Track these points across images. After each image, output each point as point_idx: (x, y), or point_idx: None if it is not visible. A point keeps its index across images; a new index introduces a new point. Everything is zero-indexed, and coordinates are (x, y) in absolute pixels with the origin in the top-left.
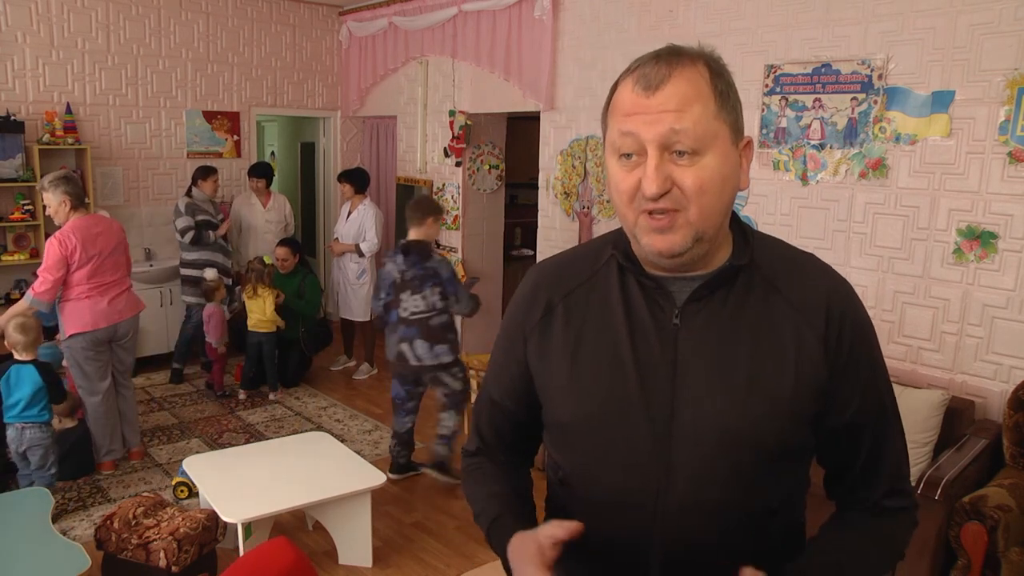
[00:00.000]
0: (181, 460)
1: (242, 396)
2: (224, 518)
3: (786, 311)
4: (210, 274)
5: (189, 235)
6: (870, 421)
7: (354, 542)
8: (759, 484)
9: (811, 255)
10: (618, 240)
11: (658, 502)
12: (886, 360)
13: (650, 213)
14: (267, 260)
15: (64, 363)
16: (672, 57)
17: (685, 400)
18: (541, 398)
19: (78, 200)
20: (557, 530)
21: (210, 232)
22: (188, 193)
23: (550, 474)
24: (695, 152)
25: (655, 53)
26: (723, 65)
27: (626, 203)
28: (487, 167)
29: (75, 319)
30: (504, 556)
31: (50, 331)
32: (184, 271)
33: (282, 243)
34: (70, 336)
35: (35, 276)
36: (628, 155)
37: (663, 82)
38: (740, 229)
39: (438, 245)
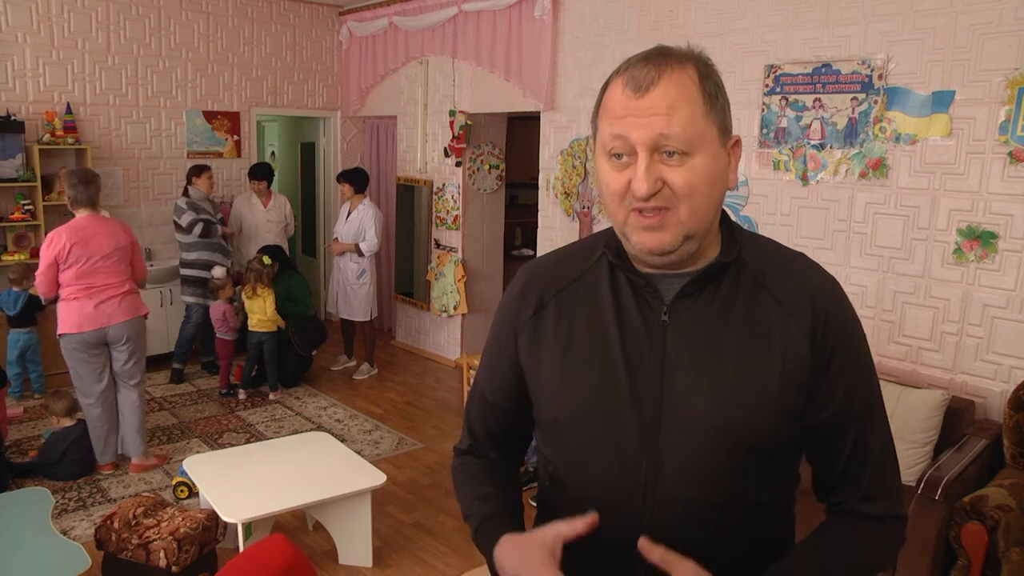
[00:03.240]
0: (181, 460)
1: (242, 396)
2: (224, 518)
3: (773, 308)
4: (218, 272)
5: (198, 228)
6: (854, 421)
7: (354, 542)
8: (746, 479)
9: (800, 254)
10: (610, 239)
11: (646, 497)
12: (887, 360)
13: (640, 211)
14: (266, 260)
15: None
16: (661, 59)
17: (673, 396)
18: (532, 395)
19: (79, 200)
20: (564, 529)
21: (219, 226)
22: (185, 193)
23: (541, 470)
24: (684, 153)
25: (644, 54)
26: (712, 66)
27: (617, 202)
28: (487, 167)
29: (64, 319)
30: (490, 557)
31: (17, 318)
32: (184, 271)
33: (260, 251)
34: (60, 335)
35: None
36: (619, 155)
37: (652, 84)
38: (729, 227)
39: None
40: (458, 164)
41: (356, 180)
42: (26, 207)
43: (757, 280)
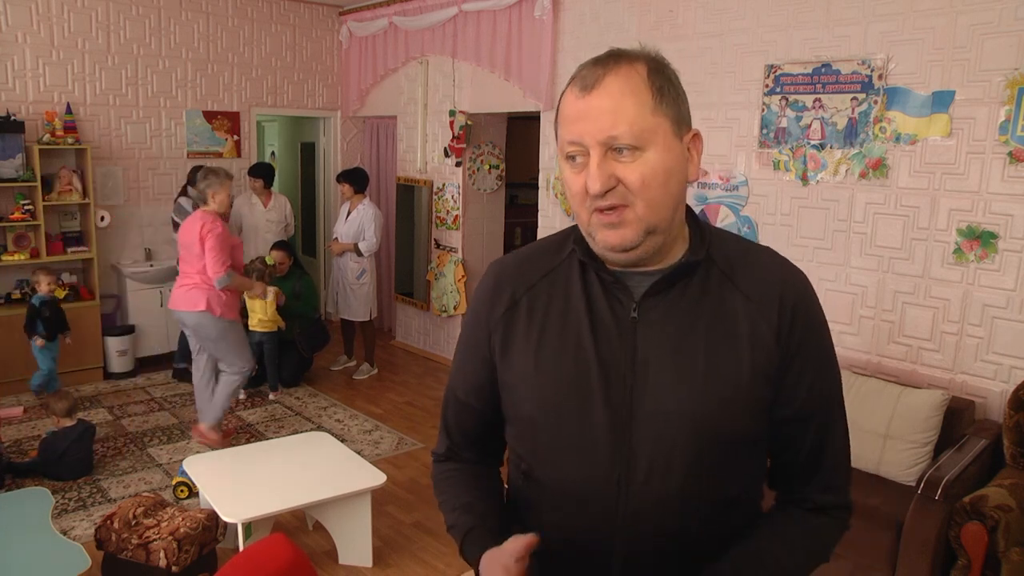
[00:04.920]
0: (181, 460)
1: (242, 396)
2: (224, 518)
3: (741, 303)
4: None
5: None
6: (816, 415)
7: (354, 542)
8: (718, 473)
9: (767, 248)
10: (578, 235)
11: (619, 492)
12: (887, 360)
13: (600, 211)
14: (268, 260)
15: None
16: (610, 59)
17: (644, 391)
18: (504, 391)
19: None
20: (517, 545)
21: None
22: (184, 193)
23: (512, 468)
24: (636, 148)
25: (596, 57)
26: (665, 63)
27: (579, 203)
28: (487, 167)
29: None
30: (478, 570)
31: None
32: None
33: (278, 246)
34: None
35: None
36: (574, 157)
37: (597, 82)
38: (696, 224)
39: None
40: (458, 164)
41: (356, 180)
42: (26, 207)
43: (726, 277)
